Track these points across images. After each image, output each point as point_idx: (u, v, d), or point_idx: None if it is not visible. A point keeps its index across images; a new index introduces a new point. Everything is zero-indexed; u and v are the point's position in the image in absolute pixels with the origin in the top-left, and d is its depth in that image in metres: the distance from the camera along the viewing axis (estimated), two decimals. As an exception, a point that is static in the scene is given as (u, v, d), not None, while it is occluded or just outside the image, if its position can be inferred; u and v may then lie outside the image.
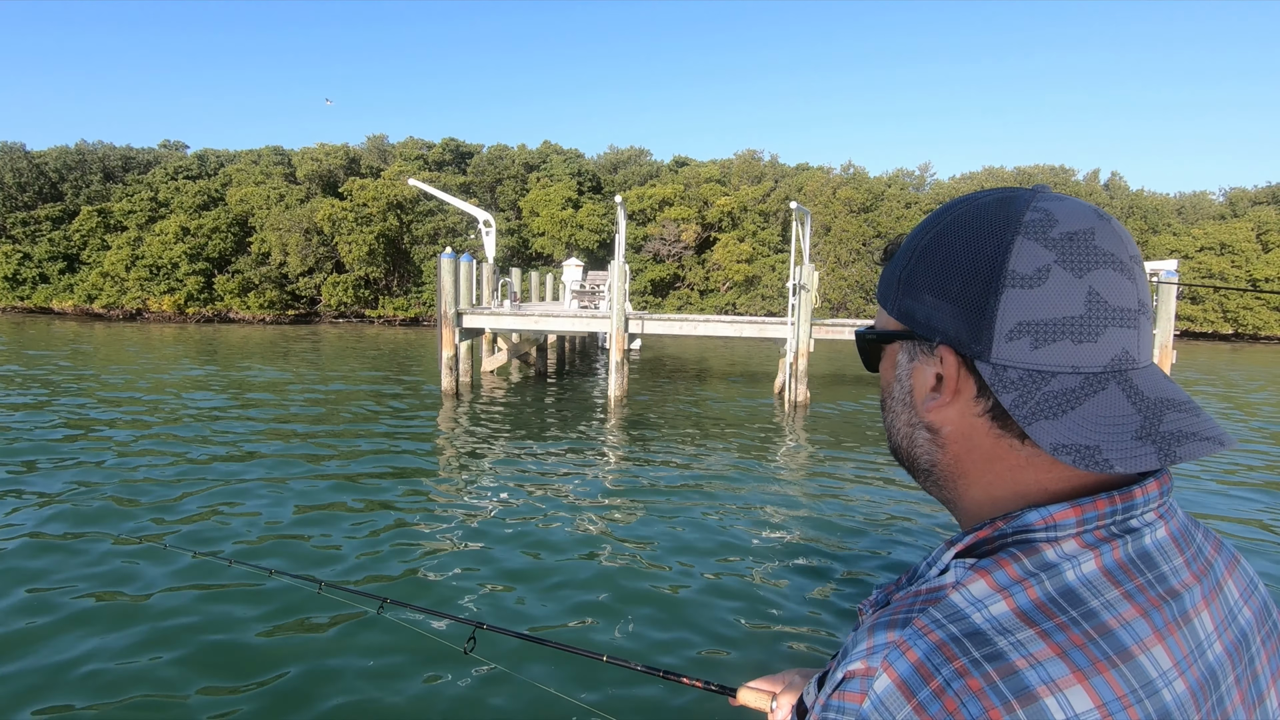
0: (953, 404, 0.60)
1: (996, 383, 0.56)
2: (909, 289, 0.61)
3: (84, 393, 14.34)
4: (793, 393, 15.06)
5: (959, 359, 0.58)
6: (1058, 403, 0.54)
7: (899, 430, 0.66)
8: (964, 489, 0.62)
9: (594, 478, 8.94)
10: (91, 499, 7.35)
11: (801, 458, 10.62)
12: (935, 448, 0.63)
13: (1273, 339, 48.65)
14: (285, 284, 43.76)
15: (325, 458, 9.48)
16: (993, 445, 0.59)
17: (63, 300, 44.04)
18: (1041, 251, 0.55)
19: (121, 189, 47.25)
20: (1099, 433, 0.53)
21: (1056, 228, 0.55)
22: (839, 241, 45.06)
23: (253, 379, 17.36)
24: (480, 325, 15.81)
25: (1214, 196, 56.29)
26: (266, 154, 50.28)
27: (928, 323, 0.60)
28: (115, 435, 10.45)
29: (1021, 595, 0.52)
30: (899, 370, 0.65)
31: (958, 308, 0.57)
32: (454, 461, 9.73)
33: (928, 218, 0.63)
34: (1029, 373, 0.55)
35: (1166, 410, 0.54)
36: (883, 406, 0.69)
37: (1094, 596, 0.53)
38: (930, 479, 0.65)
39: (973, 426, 0.59)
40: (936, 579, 0.57)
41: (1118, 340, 0.55)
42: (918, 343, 0.62)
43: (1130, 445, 0.52)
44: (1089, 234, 0.55)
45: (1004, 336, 0.55)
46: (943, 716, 0.48)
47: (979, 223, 0.58)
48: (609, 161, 56.34)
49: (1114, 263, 0.55)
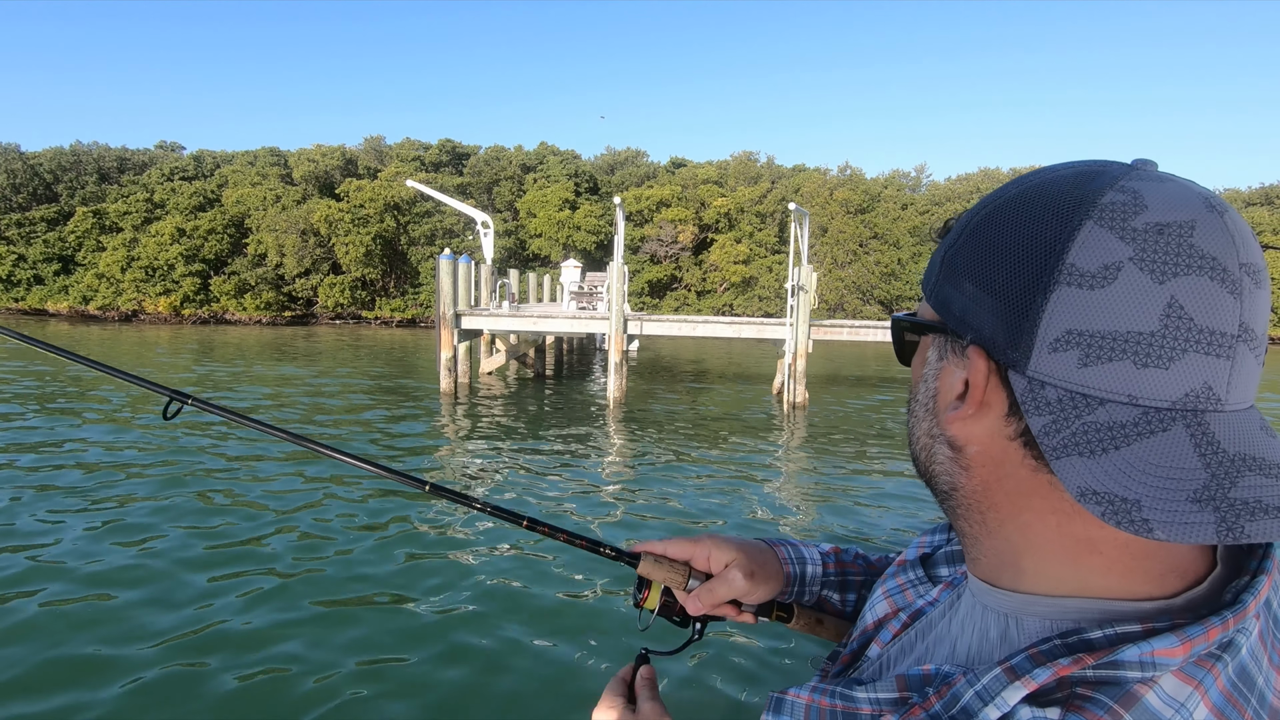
0: (979, 419, 0.49)
1: (1029, 401, 0.45)
2: (950, 273, 0.51)
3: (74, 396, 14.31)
4: (791, 393, 15.10)
5: (991, 365, 0.47)
6: (1099, 438, 0.43)
7: (918, 440, 0.56)
8: (994, 525, 0.50)
9: (593, 478, 8.95)
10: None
11: (800, 458, 10.64)
12: (958, 469, 0.51)
13: (1269, 339, 48.89)
14: (282, 285, 43.68)
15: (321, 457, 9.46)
16: (1029, 479, 0.47)
17: (58, 302, 43.88)
18: (1115, 244, 0.43)
19: (117, 190, 47.11)
20: (1144, 484, 0.41)
21: (1143, 216, 0.43)
22: (836, 243, 45.19)
23: (252, 379, 17.35)
24: (479, 326, 15.82)
25: (1208, 198, 56.61)
26: (263, 155, 50.20)
27: (963, 316, 0.49)
28: (118, 436, 10.43)
29: None
30: (927, 369, 0.55)
31: (1000, 303, 0.46)
32: (454, 462, 9.73)
33: (992, 193, 0.52)
34: (1071, 395, 0.44)
35: (1247, 471, 0.42)
36: (908, 409, 0.59)
37: None
38: (949, 503, 0.54)
39: (1005, 451, 0.48)
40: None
41: (1199, 371, 0.42)
42: (949, 339, 0.51)
43: (1183, 508, 0.40)
44: (1186, 228, 0.43)
45: (1047, 345, 0.44)
46: None
47: (1045, 199, 0.46)
48: (606, 163, 56.40)
49: (1214, 269, 0.42)
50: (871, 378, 21.66)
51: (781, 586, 0.82)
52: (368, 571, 5.71)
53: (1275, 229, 49.49)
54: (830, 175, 50.81)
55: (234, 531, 6.54)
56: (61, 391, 14.42)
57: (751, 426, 13.07)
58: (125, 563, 5.76)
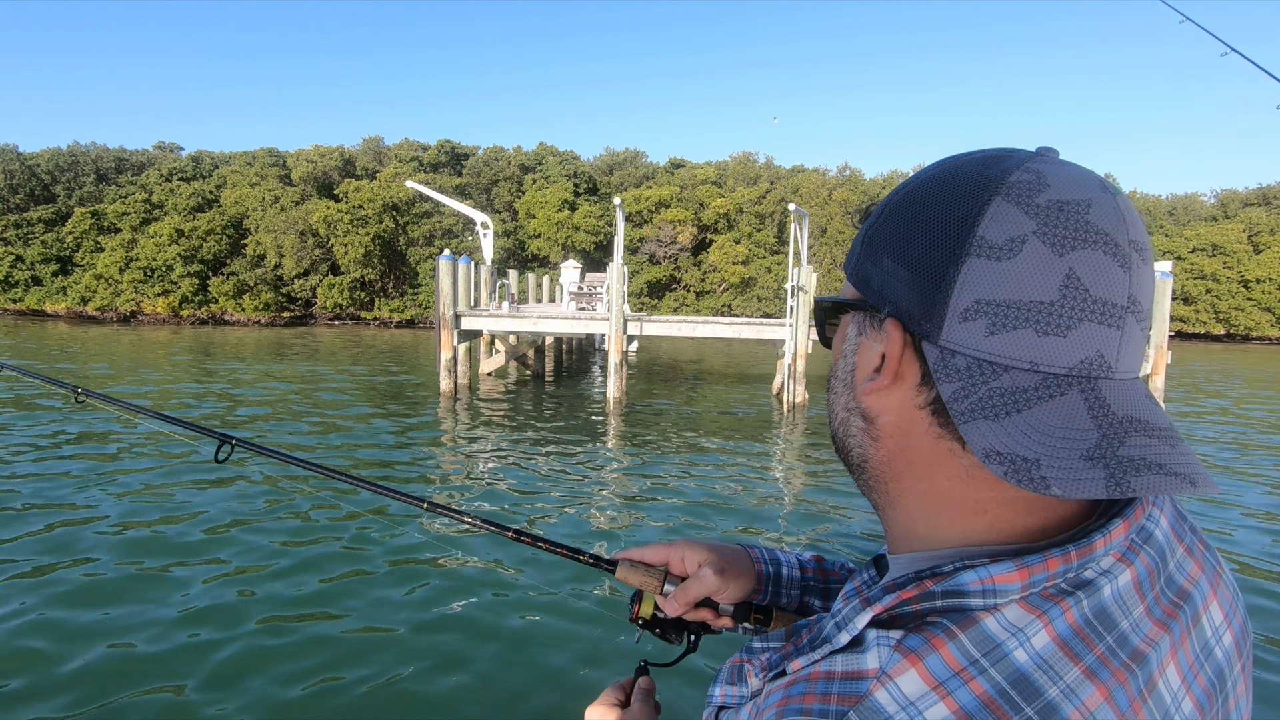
0: (892, 390, 0.51)
1: (940, 369, 0.47)
2: (870, 251, 0.53)
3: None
4: (791, 394, 15.10)
5: (906, 336, 0.49)
6: (1003, 402, 0.45)
7: (836, 415, 0.57)
8: (895, 494, 0.53)
9: (593, 479, 8.95)
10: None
11: (801, 458, 10.65)
12: (869, 440, 0.53)
13: (1265, 339, 48.99)
14: (280, 286, 43.64)
15: (324, 456, 9.45)
16: (931, 447, 0.49)
17: (56, 303, 43.80)
18: (1020, 218, 0.46)
19: (115, 191, 47.05)
20: (1042, 445, 0.44)
21: (1045, 193, 0.46)
22: (835, 243, 45.22)
23: (250, 378, 17.32)
24: (479, 327, 15.81)
25: (1205, 198, 56.73)
26: (261, 156, 50.16)
27: (880, 290, 0.51)
28: (124, 434, 10.41)
29: (964, 693, 0.42)
30: (846, 344, 0.56)
31: (915, 275, 0.48)
32: (455, 462, 9.72)
33: (911, 177, 0.54)
34: (978, 362, 0.46)
35: (1133, 432, 0.45)
36: (828, 387, 0.60)
37: (1052, 683, 0.42)
38: (862, 476, 0.56)
39: (912, 421, 0.50)
40: (851, 655, 0.46)
41: (1093, 339, 0.45)
42: (868, 314, 0.53)
43: (1076, 465, 0.43)
44: (1083, 205, 0.46)
45: (958, 315, 0.46)
46: None
47: (958, 179, 0.49)
48: (605, 163, 56.39)
49: (1107, 244, 0.46)
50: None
51: (754, 585, 0.84)
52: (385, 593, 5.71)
53: (1273, 229, 49.63)
54: (829, 176, 50.88)
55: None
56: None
57: (751, 427, 13.07)
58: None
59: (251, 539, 6.36)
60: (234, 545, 6.19)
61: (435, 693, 4.08)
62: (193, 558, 5.90)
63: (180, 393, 15.19)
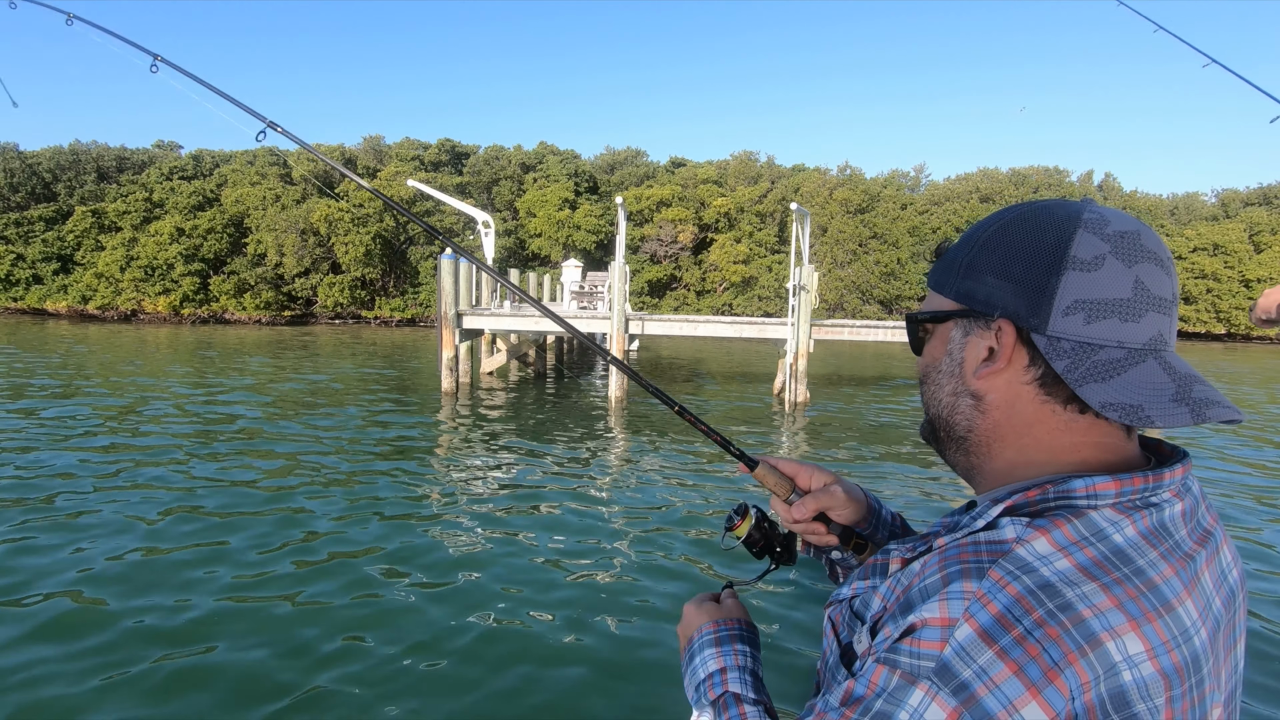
0: (1003, 372, 0.68)
1: (1051, 352, 0.65)
2: (970, 272, 0.70)
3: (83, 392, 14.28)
4: (792, 393, 15.11)
5: (1016, 331, 0.67)
6: (1105, 370, 0.63)
7: (941, 401, 0.74)
8: (998, 451, 0.70)
9: (595, 477, 8.96)
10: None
11: (803, 457, 10.62)
12: (977, 414, 0.71)
13: (1265, 339, 48.97)
14: (281, 285, 43.60)
15: (327, 454, 9.48)
16: (1035, 410, 0.67)
17: (57, 301, 43.75)
18: (1099, 243, 0.64)
19: (116, 189, 46.99)
20: (1141, 394, 0.62)
21: (1110, 226, 0.65)
22: (836, 242, 45.18)
23: (252, 378, 17.32)
24: (480, 326, 15.82)
25: (1206, 198, 56.64)
26: (262, 154, 50.05)
27: (988, 300, 0.68)
28: (123, 435, 10.41)
29: (1080, 554, 0.59)
30: (951, 345, 0.73)
31: (1020, 287, 0.66)
32: (458, 460, 9.73)
33: (987, 218, 0.73)
34: (1080, 344, 0.64)
35: (1194, 383, 0.64)
36: (922, 384, 0.78)
37: (1139, 556, 0.61)
38: (963, 445, 0.73)
39: (1018, 394, 0.68)
40: (991, 532, 0.63)
41: (1155, 324, 0.65)
42: (974, 319, 0.70)
43: (1168, 406, 0.62)
44: (1137, 234, 0.66)
45: (1061, 312, 0.64)
46: (1025, 660, 0.55)
47: (1043, 217, 0.68)
48: (606, 162, 56.32)
49: (1156, 259, 0.65)
50: (872, 377, 21.68)
51: (864, 514, 0.98)
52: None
53: (1274, 229, 49.57)
54: (830, 175, 50.77)
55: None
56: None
57: (753, 426, 13.08)
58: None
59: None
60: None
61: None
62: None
63: (182, 393, 15.19)
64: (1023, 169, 52.64)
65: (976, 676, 0.55)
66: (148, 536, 6.37)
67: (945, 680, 0.56)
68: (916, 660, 0.58)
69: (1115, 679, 0.55)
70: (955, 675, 0.56)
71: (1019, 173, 52.02)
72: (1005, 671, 0.55)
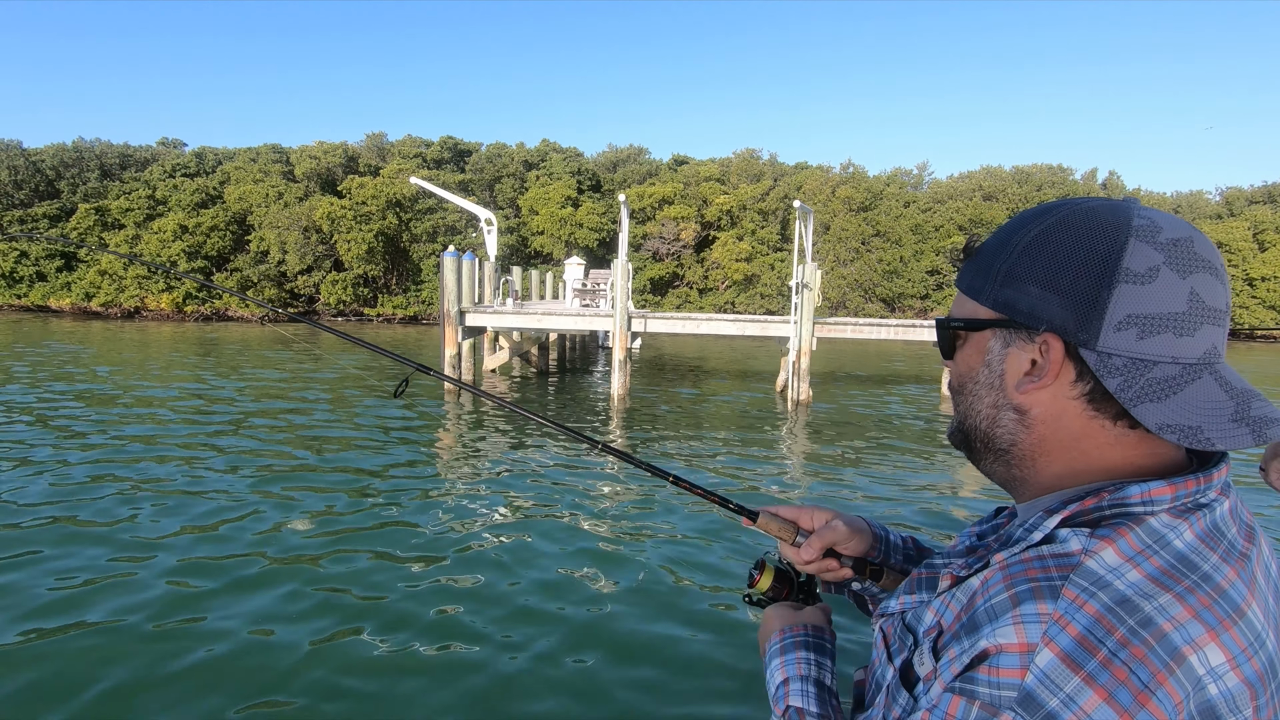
0: (1048, 387, 0.65)
1: (1102, 368, 0.61)
2: (1011, 281, 0.66)
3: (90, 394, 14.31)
4: (795, 391, 15.09)
5: (1063, 345, 0.63)
6: (1161, 388, 0.60)
7: (981, 413, 0.71)
8: (1043, 466, 0.67)
9: (596, 476, 8.96)
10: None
11: (806, 455, 10.65)
12: (1021, 428, 0.67)
13: (1270, 338, 48.82)
14: (284, 282, 43.64)
15: (329, 452, 9.49)
16: (1083, 425, 0.64)
17: (60, 299, 43.86)
18: (1152, 253, 0.60)
19: (119, 187, 47.06)
20: (1200, 415, 0.59)
21: (1163, 233, 0.61)
22: (838, 240, 45.12)
23: (251, 378, 17.35)
24: (483, 324, 15.82)
25: (1210, 196, 56.43)
26: (265, 152, 50.12)
27: (1032, 312, 0.64)
28: (126, 430, 10.45)
29: (1147, 564, 0.57)
30: (989, 356, 0.69)
31: (1067, 300, 0.62)
32: (461, 458, 9.74)
33: (1021, 217, 0.68)
34: (1133, 360, 0.60)
35: (1252, 400, 0.61)
36: (956, 392, 0.74)
37: (1203, 561, 0.59)
38: (1005, 458, 0.70)
39: (1064, 409, 0.65)
40: (1053, 546, 0.60)
41: (1209, 337, 0.61)
42: (1015, 330, 0.66)
43: (1228, 427, 0.59)
44: (1190, 241, 0.61)
45: (1113, 327, 0.60)
46: (1114, 685, 0.51)
47: (1090, 223, 0.63)
48: (608, 160, 56.26)
49: (1210, 268, 0.61)
50: (874, 375, 21.66)
51: (871, 543, 0.98)
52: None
53: (1278, 227, 49.38)
54: (833, 173, 50.68)
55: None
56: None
57: (756, 424, 13.06)
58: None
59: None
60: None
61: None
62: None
63: (184, 391, 15.22)
64: (1026, 167, 52.50)
65: (1064, 706, 0.52)
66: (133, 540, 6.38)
67: (1030, 711, 0.53)
68: (996, 690, 0.55)
69: (1203, 694, 0.52)
70: (1041, 705, 0.53)
71: (1022, 170, 51.87)
72: (1095, 699, 0.51)
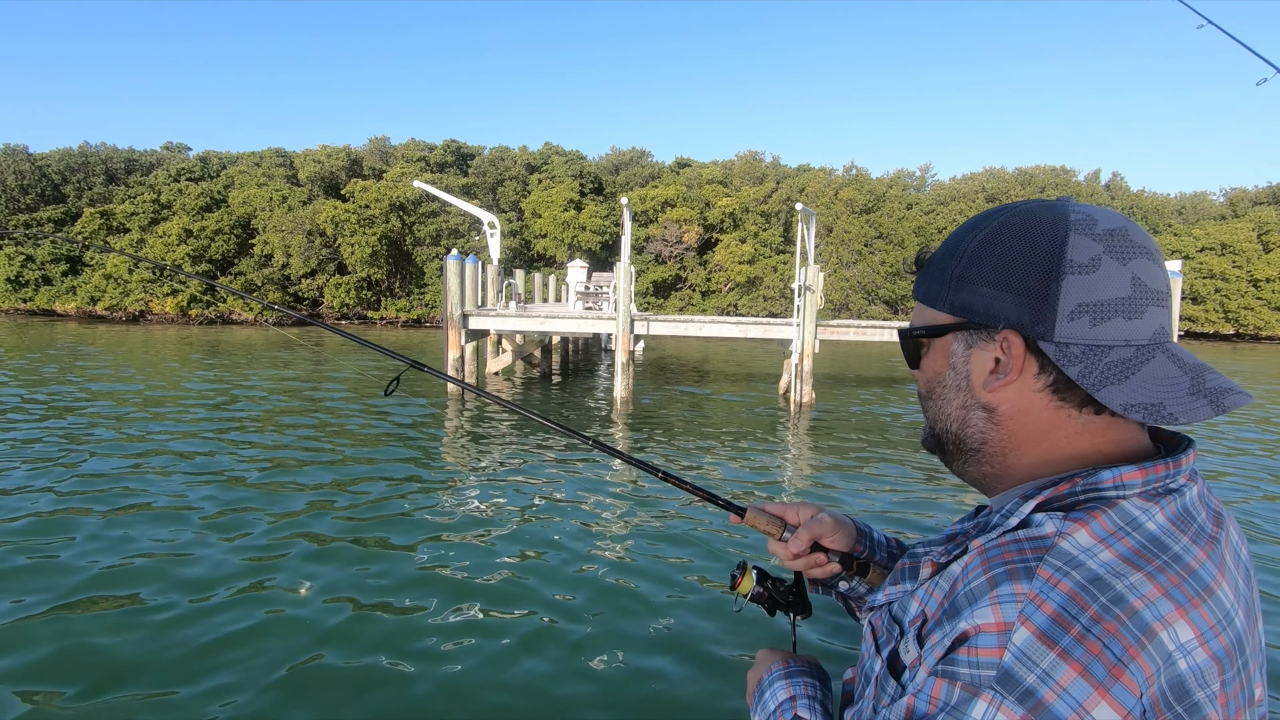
0: (1013, 383, 0.67)
1: (1061, 358, 0.64)
2: (964, 284, 0.68)
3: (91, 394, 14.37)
4: (798, 393, 15.10)
5: (1023, 340, 0.65)
6: (1119, 370, 0.62)
7: (950, 415, 0.73)
8: (1014, 460, 0.69)
9: (599, 477, 8.98)
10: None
11: (808, 457, 10.65)
12: (991, 425, 0.70)
13: (1274, 339, 48.64)
14: (288, 286, 43.78)
15: (330, 451, 9.52)
16: (1051, 416, 0.67)
17: (65, 302, 44.05)
18: (1092, 244, 0.63)
19: (124, 191, 47.30)
20: (1160, 392, 0.62)
21: (1099, 225, 0.64)
22: (841, 242, 45.10)
23: (253, 376, 17.40)
24: (486, 327, 15.85)
25: (1214, 197, 56.28)
26: (269, 156, 50.32)
27: (988, 311, 0.67)
28: (126, 429, 10.49)
29: (1119, 545, 0.59)
30: (954, 359, 0.71)
31: (1020, 296, 0.65)
32: (465, 460, 9.77)
33: (967, 225, 0.71)
34: (1090, 347, 0.63)
35: (1205, 373, 0.64)
36: (925, 398, 0.76)
37: (1174, 542, 0.61)
38: (976, 457, 0.72)
39: (1030, 402, 0.67)
40: (1029, 529, 0.62)
41: (1156, 318, 0.64)
42: (975, 331, 0.69)
43: (1188, 400, 0.61)
44: (1125, 230, 0.65)
45: (1066, 317, 0.63)
46: (1088, 659, 0.53)
47: (1030, 223, 0.66)
48: (610, 163, 56.35)
49: (1147, 253, 0.65)
50: (877, 378, 21.64)
51: (856, 537, 1.00)
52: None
53: (1283, 228, 49.20)
54: (835, 175, 50.71)
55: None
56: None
57: (758, 426, 13.07)
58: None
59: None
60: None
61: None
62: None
63: (187, 391, 15.28)
64: (1029, 168, 52.45)
65: (1041, 681, 0.54)
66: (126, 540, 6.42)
67: (1009, 688, 0.55)
68: (976, 670, 0.57)
69: (1173, 668, 0.55)
70: (1019, 682, 0.55)
71: (1025, 172, 51.81)
72: (1070, 673, 0.53)
